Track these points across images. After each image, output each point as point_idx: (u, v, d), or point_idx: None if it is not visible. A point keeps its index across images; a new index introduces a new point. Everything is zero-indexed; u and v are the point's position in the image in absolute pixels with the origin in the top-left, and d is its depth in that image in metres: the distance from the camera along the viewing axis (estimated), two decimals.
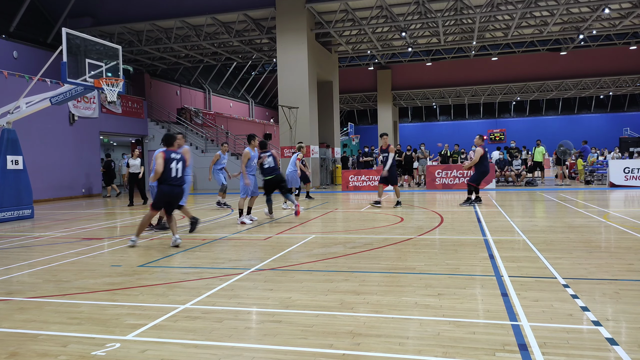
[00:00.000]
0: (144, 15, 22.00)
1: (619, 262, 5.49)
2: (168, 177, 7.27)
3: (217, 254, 6.77)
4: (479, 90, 39.70)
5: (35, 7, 21.63)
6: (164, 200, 7.41)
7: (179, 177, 7.40)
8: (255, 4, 21.13)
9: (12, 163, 12.20)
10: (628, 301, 4.06)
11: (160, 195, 7.35)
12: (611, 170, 17.31)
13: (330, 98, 26.22)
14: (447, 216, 10.19)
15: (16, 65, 19.42)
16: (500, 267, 5.40)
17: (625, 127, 42.01)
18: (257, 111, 40.21)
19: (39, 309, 4.34)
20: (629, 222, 8.71)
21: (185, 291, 4.78)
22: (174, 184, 7.36)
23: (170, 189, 7.33)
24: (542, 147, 20.24)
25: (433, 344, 3.24)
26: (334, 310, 4.03)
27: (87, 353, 3.28)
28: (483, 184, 18.09)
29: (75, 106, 20.35)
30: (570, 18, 23.46)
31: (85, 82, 11.47)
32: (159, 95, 28.82)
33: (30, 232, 9.79)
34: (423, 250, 6.54)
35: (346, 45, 25.94)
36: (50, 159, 18.77)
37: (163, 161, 7.25)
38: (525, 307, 3.94)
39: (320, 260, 6.03)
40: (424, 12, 21.41)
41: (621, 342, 3.20)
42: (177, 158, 7.43)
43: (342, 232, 8.50)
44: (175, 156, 7.43)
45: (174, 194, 7.42)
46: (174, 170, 7.32)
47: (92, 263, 6.40)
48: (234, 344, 3.36)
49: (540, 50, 31.88)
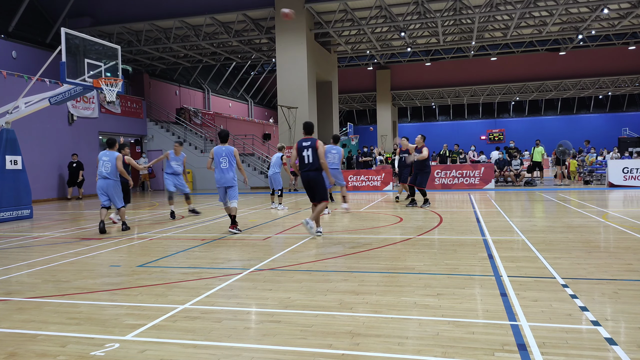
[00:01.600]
0: (143, 15, 22.00)
1: (618, 262, 5.49)
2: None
3: (217, 254, 6.77)
4: (478, 90, 39.72)
5: (34, 7, 21.61)
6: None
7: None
8: (254, 4, 21.13)
9: (11, 163, 12.18)
10: (627, 301, 4.06)
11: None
12: (610, 170, 17.33)
13: (330, 98, 26.22)
14: (447, 216, 10.20)
15: (15, 65, 19.40)
16: (500, 267, 5.40)
17: (624, 127, 42.02)
18: (256, 111, 40.21)
19: (38, 309, 4.34)
20: (628, 222, 8.72)
21: (184, 291, 4.78)
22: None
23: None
24: (542, 147, 20.25)
25: (432, 344, 3.24)
26: (333, 310, 4.02)
27: (86, 353, 3.28)
28: (481, 184, 18.13)
29: (74, 106, 20.34)
30: (569, 18, 23.48)
31: (84, 82, 11.46)
32: (158, 95, 28.81)
33: (29, 232, 9.78)
34: (422, 250, 6.54)
35: (345, 45, 25.95)
36: (49, 159, 18.76)
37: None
38: (524, 307, 3.94)
39: (320, 260, 6.03)
40: (423, 12, 21.42)
41: (620, 342, 3.20)
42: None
43: (341, 232, 8.50)
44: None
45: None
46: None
47: (91, 263, 6.40)
48: (233, 344, 3.36)
49: (540, 51, 31.90)
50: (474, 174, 18.27)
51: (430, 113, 50.61)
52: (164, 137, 25.44)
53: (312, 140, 7.87)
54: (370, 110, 49.35)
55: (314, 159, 7.78)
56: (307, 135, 8.00)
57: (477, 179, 18.20)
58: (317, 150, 7.75)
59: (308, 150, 7.79)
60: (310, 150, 7.78)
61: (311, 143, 7.83)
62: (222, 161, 8.74)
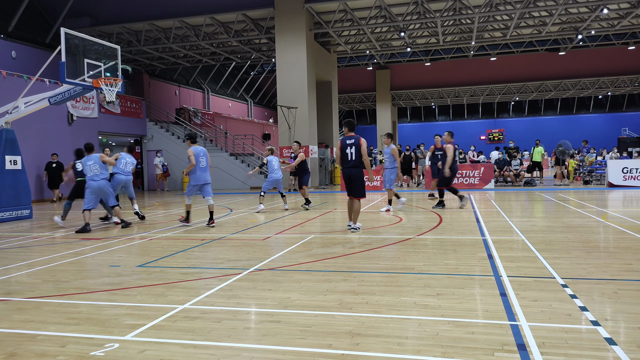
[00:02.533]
0: (143, 15, 21.99)
1: (618, 262, 5.49)
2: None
3: (216, 254, 6.77)
4: (478, 90, 39.73)
5: (34, 6, 21.60)
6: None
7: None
8: (254, 4, 21.14)
9: (10, 163, 12.18)
10: (627, 301, 4.06)
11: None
12: (610, 170, 17.33)
13: (329, 98, 26.22)
14: (446, 216, 10.20)
15: (15, 65, 19.39)
16: (499, 267, 5.40)
17: (623, 127, 42.04)
18: (256, 111, 40.20)
19: (37, 309, 4.34)
20: (627, 222, 8.72)
21: (184, 291, 4.78)
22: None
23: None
24: (541, 147, 20.26)
25: (432, 344, 3.24)
26: (333, 310, 4.02)
27: (86, 353, 3.28)
28: (481, 184, 18.13)
29: (73, 106, 20.33)
30: (569, 18, 23.49)
31: (84, 82, 11.45)
32: (158, 95, 28.81)
33: (29, 232, 9.78)
34: (422, 250, 6.54)
35: (345, 45, 25.95)
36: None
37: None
38: (524, 307, 3.94)
39: (319, 260, 6.03)
40: (422, 12, 21.42)
41: (620, 342, 3.20)
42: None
43: (341, 232, 8.50)
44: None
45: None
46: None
47: (90, 263, 6.39)
48: (232, 344, 3.36)
49: (539, 51, 31.92)
50: (474, 174, 18.28)
51: (429, 113, 50.61)
52: (164, 137, 25.44)
53: (356, 138, 8.16)
54: (369, 110, 49.37)
55: (356, 156, 8.08)
56: (350, 133, 8.29)
57: (477, 179, 18.20)
58: (361, 148, 8.05)
59: (352, 148, 8.09)
60: (354, 148, 8.08)
61: (355, 141, 8.12)
62: (202, 160, 9.64)
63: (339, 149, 8.27)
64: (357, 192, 8.26)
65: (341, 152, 8.22)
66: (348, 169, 8.18)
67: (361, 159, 8.09)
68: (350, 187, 8.29)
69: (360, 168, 8.16)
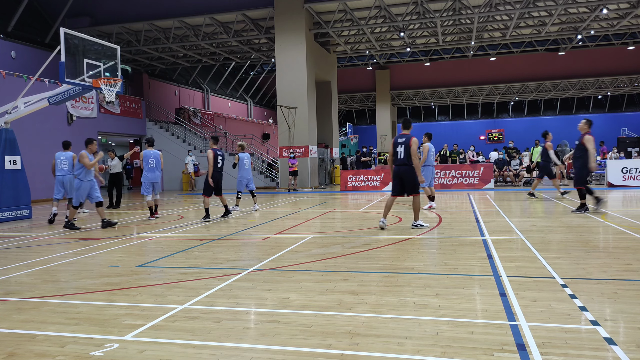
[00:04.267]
0: (143, 15, 21.99)
1: (617, 262, 5.49)
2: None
3: (216, 254, 6.76)
4: (477, 90, 39.74)
5: (34, 7, 21.60)
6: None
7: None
8: (253, 4, 21.14)
9: (10, 163, 12.17)
10: (626, 301, 4.06)
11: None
12: (609, 171, 17.34)
13: (329, 98, 26.22)
14: (446, 216, 10.20)
15: (14, 65, 19.39)
16: (499, 267, 5.40)
17: (623, 127, 42.04)
18: (255, 111, 40.20)
19: (37, 309, 4.33)
20: (627, 222, 8.72)
21: (183, 291, 4.78)
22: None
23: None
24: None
25: (431, 344, 3.24)
26: (333, 311, 4.02)
27: (86, 353, 3.28)
28: (481, 184, 18.14)
29: (73, 106, 20.33)
30: (569, 18, 23.50)
31: (83, 82, 11.46)
32: (158, 95, 28.81)
33: (29, 232, 9.77)
34: (421, 250, 6.54)
35: (345, 45, 25.95)
36: (48, 159, 18.73)
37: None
38: (523, 307, 3.94)
39: (319, 261, 6.03)
40: (422, 12, 21.43)
41: (619, 341, 3.20)
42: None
43: (340, 232, 8.50)
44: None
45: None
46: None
47: (90, 263, 6.39)
48: (232, 344, 3.36)
49: (539, 51, 31.93)
50: (473, 174, 18.29)
51: (429, 113, 50.61)
52: (163, 137, 25.43)
53: (407, 137, 8.29)
54: (369, 110, 49.36)
55: (405, 155, 8.21)
56: (404, 131, 8.45)
57: (477, 179, 18.21)
58: (410, 148, 8.18)
59: (401, 147, 8.25)
60: (403, 147, 8.23)
61: (405, 140, 8.26)
62: (151, 162, 11.20)
63: (391, 146, 8.45)
64: (411, 189, 8.39)
65: (393, 149, 8.39)
66: (397, 167, 8.33)
67: (410, 159, 8.17)
68: (403, 186, 8.38)
69: (410, 165, 8.24)
